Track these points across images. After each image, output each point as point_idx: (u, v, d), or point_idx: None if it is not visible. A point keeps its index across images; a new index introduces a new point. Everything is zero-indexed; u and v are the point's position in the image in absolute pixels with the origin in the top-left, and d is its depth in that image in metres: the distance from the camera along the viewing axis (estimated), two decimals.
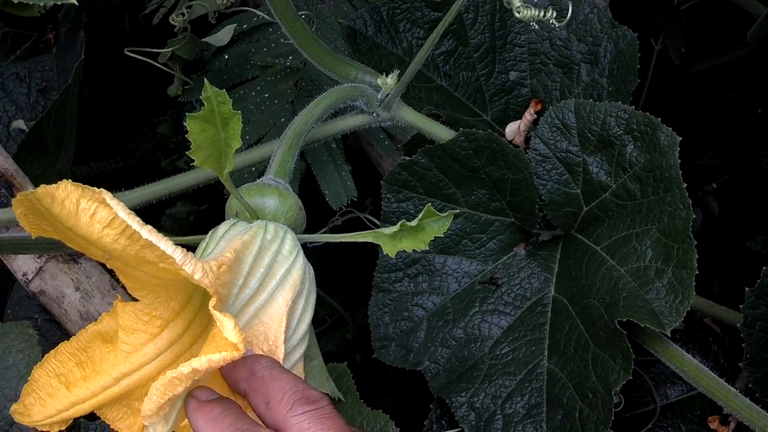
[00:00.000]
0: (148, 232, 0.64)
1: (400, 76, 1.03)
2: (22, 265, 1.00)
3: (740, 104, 1.80)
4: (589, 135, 1.05)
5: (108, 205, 0.64)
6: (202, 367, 0.64)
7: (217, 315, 0.66)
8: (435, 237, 1.13)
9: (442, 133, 1.09)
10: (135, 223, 0.64)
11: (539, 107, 1.24)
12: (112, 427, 0.81)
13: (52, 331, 1.02)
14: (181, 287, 0.76)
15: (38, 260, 0.99)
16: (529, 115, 1.23)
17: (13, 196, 0.98)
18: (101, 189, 0.65)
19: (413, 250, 0.76)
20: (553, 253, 1.14)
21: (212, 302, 0.67)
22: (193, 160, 0.73)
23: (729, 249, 1.68)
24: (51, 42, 1.55)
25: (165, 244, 0.64)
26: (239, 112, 0.70)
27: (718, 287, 1.59)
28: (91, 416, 0.90)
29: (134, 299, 0.79)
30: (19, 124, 1.32)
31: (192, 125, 0.70)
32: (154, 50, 1.12)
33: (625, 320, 0.95)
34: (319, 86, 1.19)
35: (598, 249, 1.06)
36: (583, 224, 1.09)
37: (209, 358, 0.64)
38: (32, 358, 0.90)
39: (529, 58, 1.24)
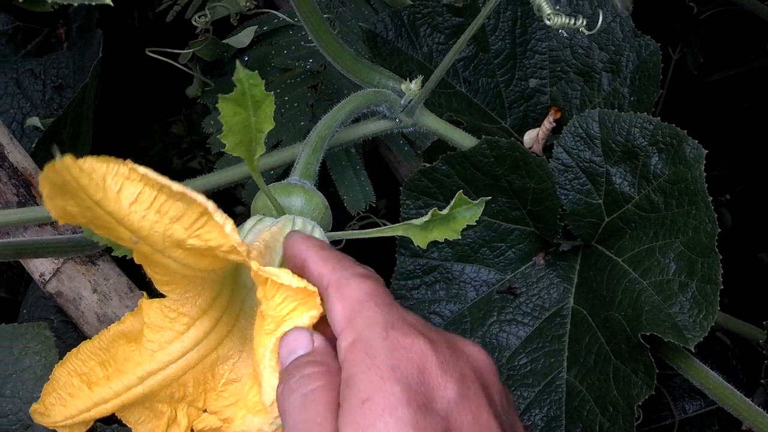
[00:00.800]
0: (180, 186, 0.63)
1: (423, 81, 1.02)
2: (40, 265, 0.98)
3: (756, 115, 1.79)
4: (613, 145, 1.04)
5: (137, 177, 0.63)
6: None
7: (270, 270, 0.65)
8: (453, 245, 1.13)
9: (464, 140, 1.08)
10: (165, 180, 0.63)
11: (558, 115, 1.23)
12: (134, 430, 0.80)
13: (68, 332, 1.01)
14: (209, 281, 0.75)
15: (55, 261, 0.98)
16: (548, 123, 1.22)
17: (32, 196, 0.97)
18: (128, 161, 0.64)
19: (431, 258, 0.75)
20: (572, 264, 1.13)
21: (255, 265, 0.66)
22: (210, 157, 0.72)
23: (741, 260, 1.67)
24: (62, 37, 1.54)
25: (196, 194, 0.63)
26: (272, 94, 0.68)
27: (729, 299, 1.58)
28: (109, 420, 0.89)
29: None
30: (34, 121, 1.31)
31: (224, 107, 0.69)
32: (176, 51, 1.11)
33: (648, 334, 0.94)
34: (339, 90, 1.18)
35: (619, 261, 1.05)
36: (604, 235, 1.08)
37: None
38: (49, 360, 0.89)
39: (550, 66, 1.23)
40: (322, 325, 0.67)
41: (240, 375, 0.79)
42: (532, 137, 1.23)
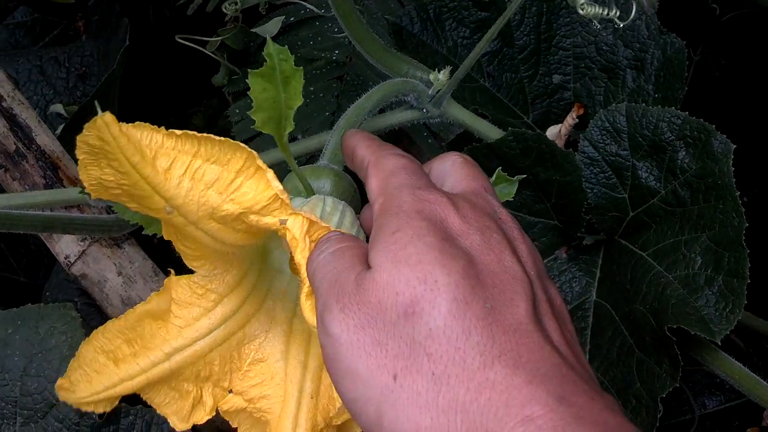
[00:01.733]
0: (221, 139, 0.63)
1: (451, 72, 1.01)
2: (65, 248, 0.98)
3: None
4: (640, 139, 1.04)
5: (171, 143, 0.63)
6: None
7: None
8: None
9: (490, 131, 1.07)
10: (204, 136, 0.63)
11: (581, 112, 1.22)
12: (159, 411, 0.79)
13: (92, 315, 1.01)
14: (238, 258, 0.75)
15: (81, 243, 0.98)
16: (570, 119, 1.21)
17: (59, 179, 0.97)
18: (162, 127, 0.64)
19: None
20: (595, 258, 1.12)
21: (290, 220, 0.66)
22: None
23: (757, 261, 1.66)
24: (81, 30, 1.54)
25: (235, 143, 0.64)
26: (301, 69, 0.68)
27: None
28: (133, 401, 0.89)
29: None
30: (57, 108, 1.31)
31: (254, 83, 0.69)
32: (204, 38, 1.11)
33: (675, 327, 0.93)
34: (365, 82, 1.18)
35: (644, 255, 1.04)
36: (629, 230, 1.08)
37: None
38: (75, 340, 0.89)
39: (574, 62, 1.23)
40: None
41: (266, 355, 0.79)
42: (554, 133, 1.22)
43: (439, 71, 1.01)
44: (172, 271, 0.76)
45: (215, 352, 0.77)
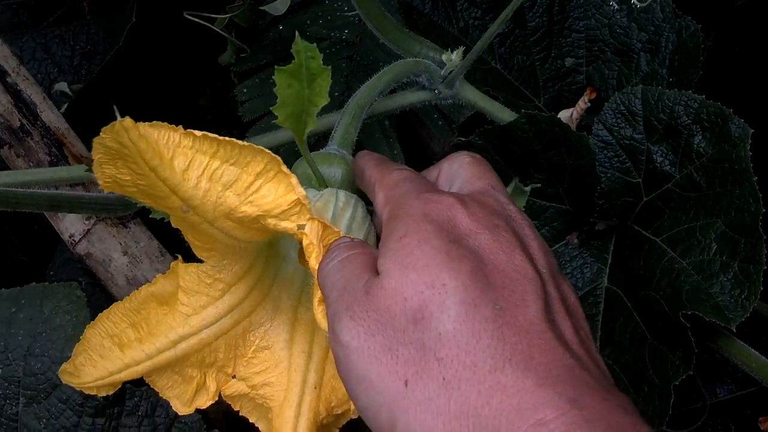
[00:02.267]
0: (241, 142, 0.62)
1: (464, 53, 0.99)
2: (70, 226, 0.97)
3: None
4: (656, 123, 1.02)
5: (189, 143, 0.62)
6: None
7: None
8: None
9: (503, 114, 1.05)
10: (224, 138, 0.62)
11: (594, 95, 1.20)
12: (161, 395, 0.78)
13: (96, 295, 0.99)
14: (248, 250, 0.73)
15: (86, 222, 0.96)
16: (582, 103, 1.19)
17: (64, 156, 0.95)
18: (180, 127, 0.63)
19: None
20: (607, 244, 1.10)
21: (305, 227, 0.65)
22: (234, 131, 0.70)
23: None
24: (85, 9, 1.52)
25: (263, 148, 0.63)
26: (329, 68, 0.67)
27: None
28: (138, 382, 0.87)
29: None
30: (62, 86, 1.29)
31: (280, 79, 0.67)
32: (213, 15, 1.09)
33: (689, 313, 0.92)
34: (374, 62, 1.16)
35: (657, 240, 1.02)
36: (642, 215, 1.06)
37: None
38: (80, 320, 0.87)
39: (587, 45, 1.21)
40: None
41: (271, 343, 0.78)
42: (565, 117, 1.20)
43: (451, 51, 0.99)
44: (180, 258, 0.74)
45: (221, 340, 0.76)
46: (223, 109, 1.55)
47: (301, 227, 0.64)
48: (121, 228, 0.96)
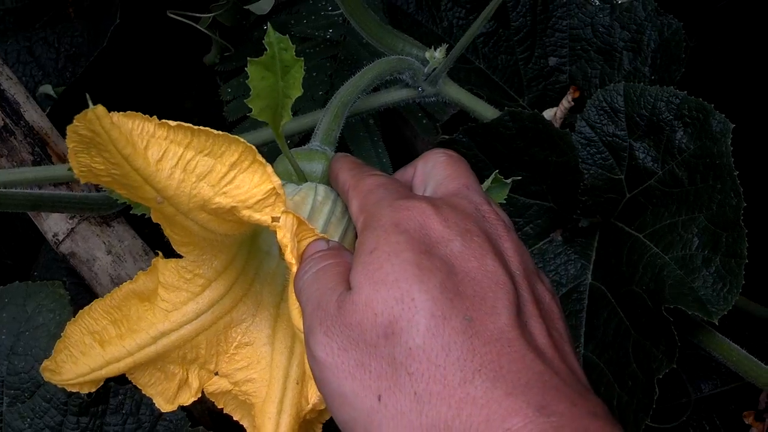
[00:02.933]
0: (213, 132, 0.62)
1: (448, 51, 1.00)
2: (53, 225, 0.96)
3: None
4: (638, 119, 1.02)
5: (163, 133, 0.61)
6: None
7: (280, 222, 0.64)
8: None
9: (486, 111, 1.06)
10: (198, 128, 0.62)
11: (577, 94, 1.21)
12: (144, 392, 0.78)
13: (81, 294, 0.98)
14: (227, 244, 0.73)
15: (70, 221, 0.96)
16: (566, 102, 1.20)
17: (48, 155, 0.95)
18: (154, 117, 0.62)
19: None
20: (590, 241, 1.11)
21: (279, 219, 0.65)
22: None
23: (755, 242, 1.65)
24: (71, 15, 1.52)
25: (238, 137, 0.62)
26: (302, 59, 0.67)
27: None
28: (122, 380, 0.87)
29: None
30: (47, 89, 1.29)
31: (252, 71, 0.67)
32: (196, 15, 1.09)
33: (672, 308, 0.92)
34: (358, 61, 1.16)
35: (640, 237, 1.03)
36: (625, 211, 1.06)
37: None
38: (63, 318, 0.87)
39: (570, 44, 1.21)
40: None
41: (253, 339, 0.78)
42: (549, 116, 1.20)
43: (435, 49, 0.99)
44: (160, 254, 0.74)
45: (202, 336, 0.76)
46: (210, 113, 1.55)
47: (275, 219, 0.64)
48: (105, 227, 0.96)
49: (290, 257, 0.63)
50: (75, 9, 1.49)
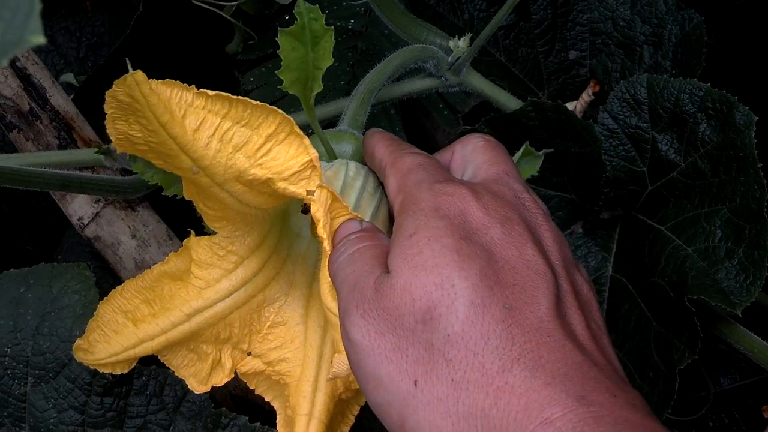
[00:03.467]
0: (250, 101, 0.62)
1: (471, 40, 1.00)
2: (78, 209, 0.97)
3: None
4: (661, 111, 1.03)
5: (201, 103, 0.62)
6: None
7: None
8: None
9: (509, 102, 1.06)
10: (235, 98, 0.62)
11: (597, 88, 1.21)
12: (177, 374, 0.78)
13: (105, 278, 0.99)
14: (259, 220, 0.74)
15: (95, 205, 0.97)
16: (586, 96, 1.20)
17: (73, 139, 0.96)
18: (193, 86, 0.63)
19: None
20: (611, 233, 1.11)
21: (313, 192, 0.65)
22: None
23: None
24: (88, 8, 1.53)
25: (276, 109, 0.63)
26: (331, 29, 0.67)
27: None
28: (146, 361, 0.88)
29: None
30: (69, 77, 1.30)
31: (283, 42, 0.68)
32: (222, 2, 1.10)
33: (695, 298, 0.92)
34: (380, 51, 1.17)
35: (662, 229, 1.03)
36: (646, 204, 1.07)
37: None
38: (89, 300, 0.87)
39: (591, 38, 1.22)
40: None
41: (286, 318, 0.78)
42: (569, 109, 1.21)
43: (458, 39, 1.00)
44: (192, 232, 0.75)
45: (235, 314, 0.76)
46: None
47: (310, 193, 0.64)
48: (130, 211, 0.97)
49: (322, 232, 0.64)
50: (92, 2, 1.50)
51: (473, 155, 0.72)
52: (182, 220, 0.95)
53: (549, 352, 0.55)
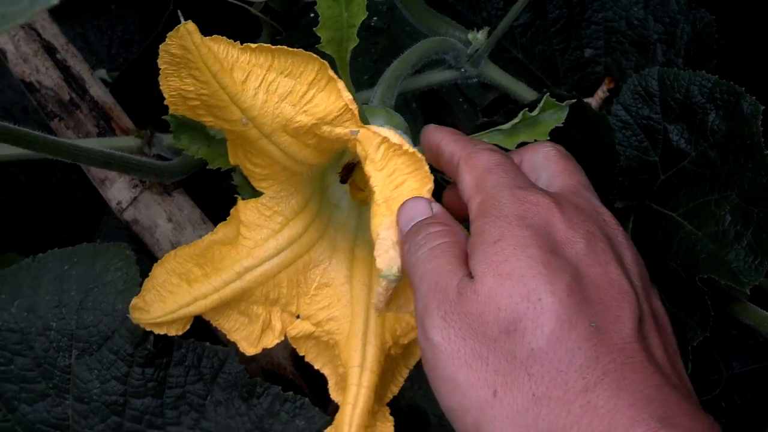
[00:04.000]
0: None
1: (489, 34, 1.07)
2: (117, 194, 1.04)
3: None
4: (672, 103, 1.09)
5: (246, 58, 0.68)
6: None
7: (376, 128, 0.69)
8: None
9: (527, 94, 1.13)
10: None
11: (612, 85, 1.28)
12: (228, 338, 0.84)
13: (142, 260, 1.05)
14: (301, 183, 0.79)
15: (133, 190, 1.04)
16: (601, 93, 1.27)
17: (112, 128, 1.03)
18: (238, 42, 0.69)
19: None
20: (625, 222, 1.17)
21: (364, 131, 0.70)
22: None
23: None
24: (113, 10, 1.60)
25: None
26: None
27: None
28: (185, 334, 0.94)
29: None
30: (101, 74, 1.37)
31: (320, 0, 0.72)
32: None
33: (705, 277, 0.98)
34: (402, 47, 1.22)
35: (674, 216, 1.09)
36: (659, 193, 1.13)
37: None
38: (130, 276, 0.94)
39: (605, 36, 1.29)
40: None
41: (331, 280, 0.84)
42: None
43: (477, 32, 1.07)
44: (239, 198, 0.81)
45: (283, 274, 0.82)
46: None
47: (354, 133, 0.69)
48: (166, 196, 1.04)
49: (369, 169, 0.69)
50: (117, 4, 1.57)
51: (546, 163, 0.74)
52: (214, 206, 1.02)
53: (632, 373, 0.55)
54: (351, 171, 0.83)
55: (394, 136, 0.70)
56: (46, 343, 0.94)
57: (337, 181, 0.85)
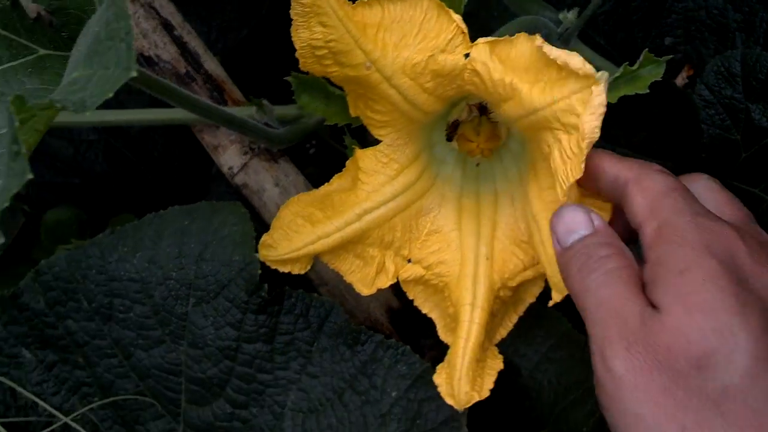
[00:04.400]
0: None
1: (579, 14, 1.15)
2: (229, 160, 1.14)
3: None
4: (754, 83, 1.15)
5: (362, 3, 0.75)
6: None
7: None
8: None
9: (613, 71, 1.19)
10: None
11: (691, 72, 1.34)
12: (346, 279, 0.92)
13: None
14: (414, 134, 0.87)
15: (243, 157, 1.13)
16: (680, 79, 1.33)
17: (225, 100, 1.12)
18: None
19: None
20: None
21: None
22: None
23: None
24: None
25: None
26: None
27: None
28: (294, 284, 1.02)
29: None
30: None
31: None
32: None
33: None
34: (491, 31, 1.31)
35: (756, 191, 1.15)
36: (740, 170, 1.19)
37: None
38: (245, 231, 1.01)
39: (685, 25, 1.35)
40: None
41: (440, 226, 0.92)
42: None
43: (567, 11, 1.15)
44: (356, 148, 0.90)
45: (398, 218, 0.90)
46: None
47: (467, 56, 0.77)
48: (273, 163, 1.13)
49: (490, 66, 0.77)
50: None
51: (709, 193, 0.73)
52: (318, 175, 1.10)
53: None
54: (456, 129, 0.91)
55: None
56: (165, 292, 1.03)
57: (443, 140, 0.93)
